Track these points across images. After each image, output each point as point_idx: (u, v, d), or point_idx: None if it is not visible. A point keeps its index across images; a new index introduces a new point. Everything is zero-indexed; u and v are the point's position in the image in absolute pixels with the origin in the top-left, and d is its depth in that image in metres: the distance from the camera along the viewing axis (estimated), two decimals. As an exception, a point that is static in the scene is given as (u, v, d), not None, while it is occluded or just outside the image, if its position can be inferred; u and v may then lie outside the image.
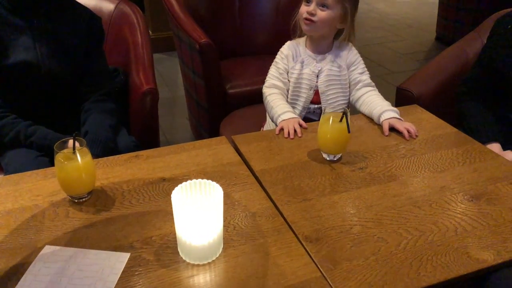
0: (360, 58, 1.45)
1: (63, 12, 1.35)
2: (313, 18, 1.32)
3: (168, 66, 3.44)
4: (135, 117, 1.56)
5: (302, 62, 1.42)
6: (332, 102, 1.43)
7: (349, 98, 1.47)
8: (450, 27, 4.03)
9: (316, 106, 1.45)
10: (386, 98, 1.39)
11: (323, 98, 1.43)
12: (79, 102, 1.41)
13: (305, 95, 1.43)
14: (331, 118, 1.11)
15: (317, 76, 1.42)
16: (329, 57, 1.42)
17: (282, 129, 1.27)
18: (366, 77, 1.43)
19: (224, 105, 2.01)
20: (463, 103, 1.48)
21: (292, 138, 1.24)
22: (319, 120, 1.19)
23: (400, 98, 1.63)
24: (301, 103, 1.44)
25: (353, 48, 1.45)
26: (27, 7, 1.28)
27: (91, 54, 1.40)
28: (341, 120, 1.09)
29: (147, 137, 1.54)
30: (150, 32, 3.64)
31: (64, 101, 1.40)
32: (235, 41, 2.38)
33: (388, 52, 3.97)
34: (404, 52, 3.97)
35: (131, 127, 1.57)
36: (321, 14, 1.32)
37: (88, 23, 1.39)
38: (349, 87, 1.45)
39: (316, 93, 1.43)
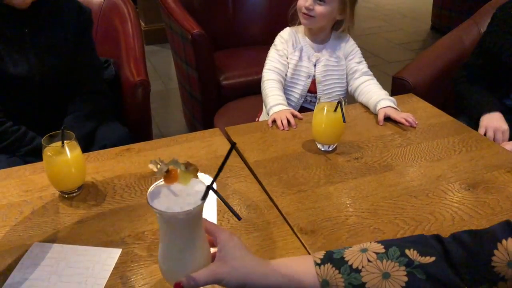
0: (358, 48, 1.45)
1: (52, 14, 1.30)
2: (311, 13, 1.32)
3: (161, 58, 3.40)
4: (127, 109, 1.54)
5: (301, 50, 1.42)
6: (328, 92, 1.42)
7: (346, 89, 1.45)
8: (445, 16, 4.00)
9: (312, 95, 1.44)
10: (382, 87, 1.38)
11: (319, 88, 1.42)
12: (70, 99, 1.38)
13: (302, 83, 1.42)
14: (325, 108, 1.09)
15: (315, 65, 1.41)
16: (327, 47, 1.42)
17: (274, 121, 1.25)
18: (363, 66, 1.43)
19: (218, 97, 1.98)
20: (461, 85, 1.47)
21: (288, 130, 1.22)
22: None
23: (396, 87, 1.61)
24: (298, 90, 1.43)
25: (351, 38, 1.45)
26: (18, 16, 1.23)
27: (79, 48, 1.37)
28: (335, 110, 1.07)
29: (140, 130, 1.52)
30: (143, 24, 3.60)
31: (55, 101, 1.36)
32: (228, 32, 2.35)
33: (383, 42, 3.94)
34: (399, 42, 3.94)
35: (123, 119, 1.54)
36: (319, 8, 1.32)
37: (76, 17, 1.35)
38: (347, 77, 1.44)
39: (313, 81, 1.42)
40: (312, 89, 1.43)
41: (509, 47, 1.34)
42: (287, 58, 1.42)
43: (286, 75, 1.43)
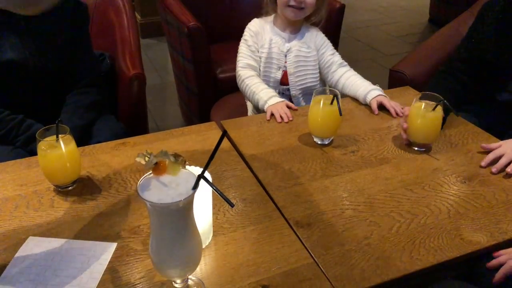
0: (328, 41, 1.44)
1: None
2: (302, 5, 1.31)
3: (158, 52, 3.38)
4: (123, 103, 1.53)
5: (271, 40, 1.40)
6: (300, 84, 1.42)
7: (319, 81, 1.45)
8: (443, 8, 3.99)
9: (285, 87, 1.44)
10: (379, 80, 1.37)
11: (291, 79, 1.42)
12: (66, 92, 1.37)
13: (273, 75, 1.42)
14: (322, 101, 1.08)
15: (285, 55, 1.40)
16: (297, 37, 1.41)
17: (272, 115, 1.25)
18: (337, 58, 1.43)
19: (214, 90, 1.97)
20: (435, 77, 1.38)
21: (287, 122, 1.22)
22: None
23: (393, 80, 1.61)
24: (270, 83, 1.42)
25: (320, 31, 1.45)
26: None
27: (75, 42, 1.36)
28: (331, 103, 1.07)
29: (136, 124, 1.51)
30: (139, 17, 3.57)
31: (51, 92, 1.36)
32: (225, 25, 2.33)
33: (380, 34, 3.93)
34: (397, 35, 3.93)
35: (119, 113, 1.54)
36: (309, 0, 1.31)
37: (72, 12, 1.34)
38: (320, 69, 1.43)
39: (285, 73, 1.42)
40: (284, 81, 1.43)
41: (494, 47, 1.29)
42: (258, 51, 1.41)
43: (259, 69, 1.43)
